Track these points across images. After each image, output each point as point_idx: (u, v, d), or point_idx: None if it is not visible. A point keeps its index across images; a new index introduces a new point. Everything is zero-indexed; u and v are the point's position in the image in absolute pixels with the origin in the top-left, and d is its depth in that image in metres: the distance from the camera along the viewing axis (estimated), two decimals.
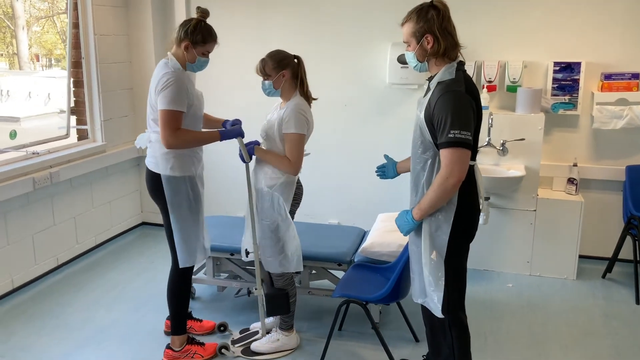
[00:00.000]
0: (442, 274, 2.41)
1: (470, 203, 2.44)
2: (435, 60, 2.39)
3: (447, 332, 2.53)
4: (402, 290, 2.98)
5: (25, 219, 4.02)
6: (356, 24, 4.61)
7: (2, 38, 9.79)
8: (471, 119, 2.28)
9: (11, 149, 4.05)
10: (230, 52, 4.82)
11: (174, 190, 2.98)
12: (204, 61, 3.01)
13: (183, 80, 2.90)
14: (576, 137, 4.39)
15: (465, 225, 2.43)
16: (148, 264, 4.56)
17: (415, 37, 2.38)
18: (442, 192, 2.29)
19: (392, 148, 4.66)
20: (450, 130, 2.22)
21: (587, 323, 3.64)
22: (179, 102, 2.86)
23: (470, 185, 2.44)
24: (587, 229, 4.34)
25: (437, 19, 2.31)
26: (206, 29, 2.96)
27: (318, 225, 4.11)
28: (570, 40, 4.25)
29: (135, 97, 5.10)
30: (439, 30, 2.32)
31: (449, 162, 2.25)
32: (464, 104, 2.26)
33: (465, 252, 2.52)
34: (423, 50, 2.38)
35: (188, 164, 3.00)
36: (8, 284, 3.93)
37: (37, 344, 3.37)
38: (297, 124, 2.94)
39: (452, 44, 2.35)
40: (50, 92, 9.45)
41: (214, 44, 3.02)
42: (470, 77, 2.48)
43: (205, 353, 3.22)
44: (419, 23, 2.34)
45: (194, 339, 3.25)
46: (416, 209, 2.40)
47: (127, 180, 5.15)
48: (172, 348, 3.18)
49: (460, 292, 2.53)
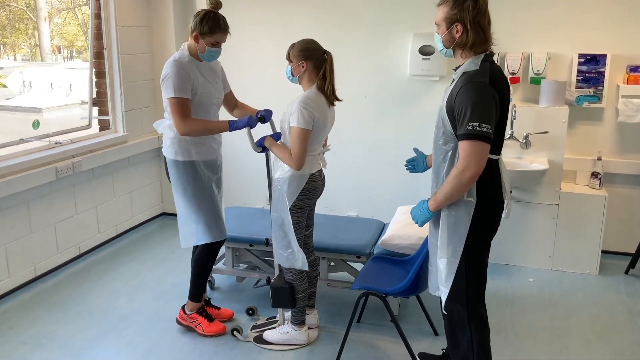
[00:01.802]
0: (453, 269, 2.39)
1: (492, 198, 2.41)
2: (462, 51, 2.36)
3: (466, 326, 2.51)
4: (421, 284, 2.95)
5: (47, 208, 4.07)
6: (378, 14, 4.58)
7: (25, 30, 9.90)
8: (493, 111, 2.23)
9: (34, 139, 4.10)
10: (252, 44, 4.82)
11: (175, 174, 3.16)
12: (213, 51, 3.04)
13: (184, 68, 2.99)
14: (601, 130, 4.32)
15: (486, 220, 2.41)
16: (168, 254, 4.59)
17: (446, 22, 2.34)
18: (458, 185, 2.26)
19: (412, 140, 4.63)
20: (470, 122, 2.18)
21: (610, 319, 3.59)
22: (181, 89, 2.97)
23: (494, 180, 2.40)
24: (611, 224, 4.28)
25: (471, 11, 2.27)
26: (215, 19, 2.97)
27: (337, 218, 4.10)
28: (596, 32, 4.17)
29: (156, 88, 5.12)
30: (471, 22, 2.28)
31: (467, 155, 2.22)
32: (485, 96, 2.21)
33: (485, 247, 2.49)
34: (451, 37, 2.35)
35: (193, 149, 3.12)
36: (31, 272, 3.98)
37: (59, 331, 3.42)
38: (299, 118, 2.88)
39: (482, 39, 2.31)
40: (71, 83, 9.55)
41: (223, 35, 3.02)
42: (500, 68, 2.43)
43: (208, 329, 3.30)
44: (453, 9, 2.30)
45: (205, 311, 3.37)
46: (432, 200, 2.38)
47: (147, 170, 5.18)
48: (185, 309, 3.38)
49: (479, 286, 2.50)
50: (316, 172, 3.09)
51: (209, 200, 3.22)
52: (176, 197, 3.23)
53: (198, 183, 3.16)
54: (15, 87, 9.55)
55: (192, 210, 3.21)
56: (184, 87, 2.97)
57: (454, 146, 2.33)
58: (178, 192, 3.20)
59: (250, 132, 3.11)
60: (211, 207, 3.23)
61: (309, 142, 2.93)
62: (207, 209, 3.21)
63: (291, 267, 3.13)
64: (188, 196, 3.18)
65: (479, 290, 2.51)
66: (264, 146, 3.08)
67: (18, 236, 3.85)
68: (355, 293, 3.14)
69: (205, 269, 3.36)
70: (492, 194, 2.40)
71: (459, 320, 2.54)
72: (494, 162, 2.37)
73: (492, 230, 2.47)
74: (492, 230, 2.47)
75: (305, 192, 3.04)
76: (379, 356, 3.19)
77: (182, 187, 3.17)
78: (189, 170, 3.14)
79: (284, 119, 3.01)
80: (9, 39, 9.83)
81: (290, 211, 3.01)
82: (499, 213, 2.46)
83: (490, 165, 2.34)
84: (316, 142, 3.03)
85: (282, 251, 3.11)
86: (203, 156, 3.17)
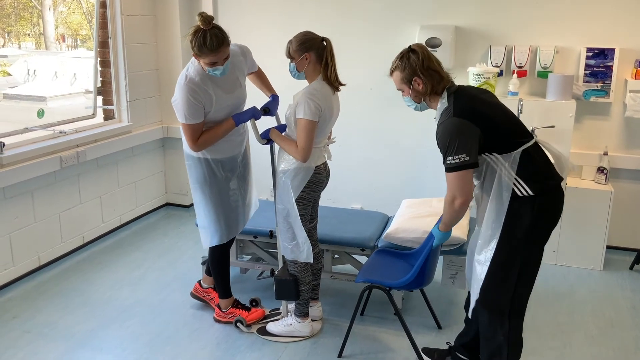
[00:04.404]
0: (483, 275, 2.51)
1: (544, 183, 2.44)
2: (429, 98, 2.57)
3: (506, 320, 2.55)
4: (426, 277, 2.94)
5: (52, 197, 4.07)
6: (385, 6, 4.55)
7: (29, 18, 9.89)
8: (464, 138, 2.37)
9: (39, 128, 4.09)
10: (259, 34, 4.79)
11: (191, 170, 3.15)
12: (214, 69, 2.87)
13: (195, 90, 2.89)
14: (608, 125, 4.29)
15: (536, 215, 2.43)
16: (172, 244, 4.59)
17: (405, 83, 2.57)
18: (453, 212, 2.50)
19: (417, 134, 4.62)
20: (446, 157, 2.41)
21: (614, 314, 3.58)
22: (191, 116, 2.92)
23: (536, 164, 2.45)
24: (616, 219, 4.26)
25: (418, 62, 2.51)
26: (201, 39, 2.76)
27: (341, 210, 4.09)
28: (605, 26, 4.13)
29: (160, 78, 5.10)
30: (424, 71, 2.50)
31: (451, 186, 2.44)
32: (453, 129, 2.39)
33: (537, 241, 2.52)
34: (416, 92, 2.56)
35: (214, 147, 3.07)
36: (35, 261, 3.99)
37: (62, 320, 3.42)
38: (306, 110, 2.86)
39: (438, 80, 2.52)
40: (76, 72, 9.53)
41: (215, 55, 2.80)
42: (467, 88, 2.58)
43: (249, 318, 3.35)
44: (404, 70, 2.54)
45: (240, 303, 3.42)
46: (441, 224, 2.66)
47: (152, 160, 5.17)
48: (220, 307, 3.42)
49: (529, 284, 2.57)
50: (321, 164, 3.08)
51: (225, 200, 3.19)
52: (194, 195, 3.23)
53: (212, 181, 3.12)
54: (19, 75, 9.54)
55: (209, 209, 3.18)
56: (194, 114, 2.90)
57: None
58: (196, 190, 3.19)
59: (255, 123, 3.09)
60: (227, 207, 3.20)
61: (314, 134, 2.92)
62: (223, 210, 3.18)
63: (295, 260, 3.13)
64: (203, 194, 3.16)
65: (528, 288, 2.59)
66: (268, 138, 3.07)
67: (22, 225, 3.85)
68: (359, 286, 3.14)
69: (222, 267, 3.36)
70: (542, 179, 2.44)
71: (499, 313, 2.56)
72: (530, 149, 2.43)
73: (548, 222, 2.51)
74: (548, 221, 2.51)
75: (310, 185, 3.03)
76: (382, 349, 3.19)
77: (199, 183, 3.15)
78: (205, 167, 3.10)
79: (290, 111, 2.99)
80: (14, 27, 9.82)
81: (295, 203, 3.00)
82: (557, 199, 2.53)
83: (528, 153, 2.42)
84: (322, 134, 3.01)
85: (286, 243, 3.10)
86: (219, 154, 3.11)
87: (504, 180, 2.41)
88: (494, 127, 2.43)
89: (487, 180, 2.49)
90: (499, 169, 2.42)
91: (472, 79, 4.10)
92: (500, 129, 2.44)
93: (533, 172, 2.42)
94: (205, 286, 3.58)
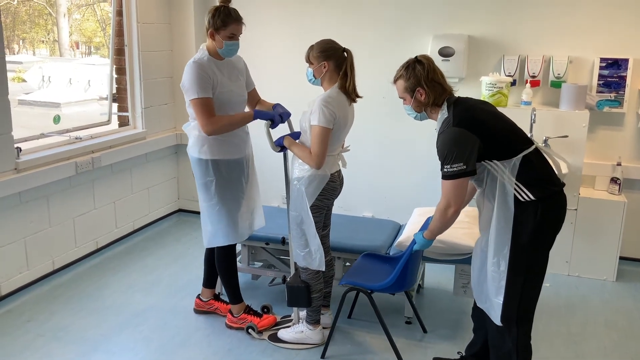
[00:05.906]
0: (504, 282, 2.49)
1: (545, 189, 2.44)
2: (431, 109, 2.60)
3: (513, 327, 2.54)
4: (407, 281, 2.98)
5: (67, 202, 4.11)
6: (398, 15, 4.57)
7: (44, 25, 9.99)
8: (463, 146, 2.40)
9: (55, 134, 4.14)
10: (272, 44, 4.83)
11: (198, 172, 3.17)
12: (231, 44, 3.03)
13: (202, 68, 3.00)
14: (621, 135, 4.27)
15: (539, 220, 2.42)
16: (184, 250, 4.62)
17: (408, 92, 2.60)
18: (444, 220, 2.53)
19: (428, 142, 4.60)
20: (444, 165, 2.44)
21: (627, 326, 3.56)
22: (203, 89, 2.98)
23: (538, 171, 2.45)
24: (629, 230, 4.23)
25: (423, 73, 2.54)
26: (226, 11, 2.98)
27: (353, 218, 4.10)
28: (618, 36, 4.13)
29: (175, 86, 5.15)
30: (428, 82, 2.54)
31: (446, 193, 2.47)
32: (452, 138, 2.43)
33: (541, 247, 2.51)
34: (418, 102, 2.59)
35: (216, 148, 3.12)
36: (49, 265, 4.02)
37: (75, 324, 3.45)
38: (320, 117, 2.88)
39: (440, 92, 2.56)
40: (90, 79, 9.61)
41: (237, 25, 3.01)
42: (467, 99, 2.60)
43: (260, 324, 3.35)
44: (408, 80, 2.58)
45: (252, 309, 3.43)
46: (427, 232, 2.67)
47: (165, 167, 5.21)
48: (232, 313, 3.43)
49: (535, 290, 2.58)
50: (335, 172, 3.10)
51: (229, 201, 3.21)
52: (199, 195, 3.24)
53: (220, 182, 3.15)
54: (34, 81, 9.64)
55: (213, 210, 3.21)
56: (204, 86, 2.97)
57: (479, 174, 2.50)
58: (201, 190, 3.21)
59: (270, 131, 3.11)
60: (231, 209, 3.22)
61: (329, 141, 2.93)
62: (226, 211, 3.20)
63: (307, 267, 3.14)
64: (210, 195, 3.18)
65: (535, 293, 2.59)
66: (282, 145, 3.09)
67: (37, 230, 3.89)
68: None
69: (230, 272, 3.37)
70: (544, 184, 2.45)
71: (505, 320, 2.55)
72: (531, 155, 2.44)
73: (550, 228, 2.50)
74: (550, 227, 2.50)
75: (324, 192, 3.05)
76: (364, 351, 3.21)
77: (205, 186, 3.17)
78: (213, 169, 3.13)
79: (305, 118, 3.01)
80: (29, 34, 9.92)
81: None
82: (559, 204, 2.52)
83: (529, 159, 2.43)
84: (336, 141, 3.03)
85: (299, 250, 3.11)
86: (227, 155, 3.15)
87: (506, 186, 2.42)
88: (493, 134, 2.45)
89: (488, 186, 2.50)
90: (500, 175, 2.42)
91: (485, 89, 4.11)
92: (499, 136, 2.47)
93: (534, 177, 2.43)
94: (205, 299, 3.59)
